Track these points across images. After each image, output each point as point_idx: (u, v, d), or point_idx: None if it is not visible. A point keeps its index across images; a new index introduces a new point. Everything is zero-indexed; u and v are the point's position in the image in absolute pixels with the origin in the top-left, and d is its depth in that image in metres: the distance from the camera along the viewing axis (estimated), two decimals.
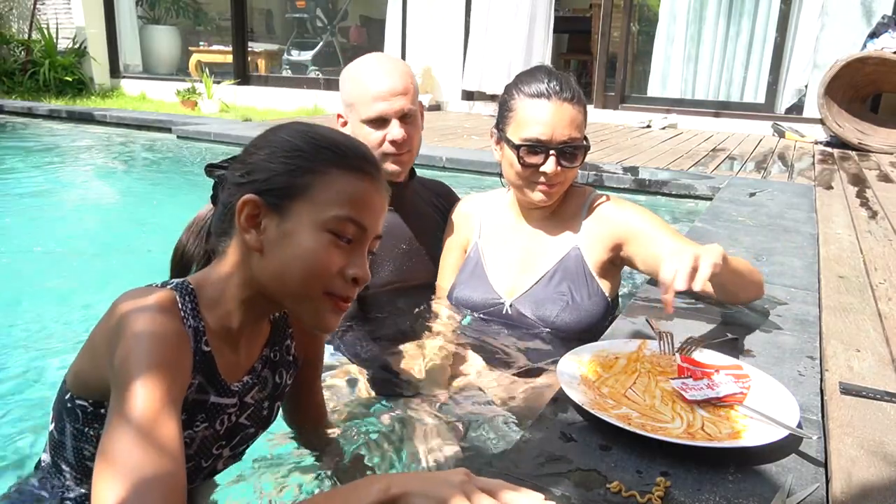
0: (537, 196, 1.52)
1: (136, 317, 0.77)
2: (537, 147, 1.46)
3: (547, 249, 1.59)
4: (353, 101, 1.60)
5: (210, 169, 0.96)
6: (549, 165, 1.46)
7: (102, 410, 0.75)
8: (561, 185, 1.52)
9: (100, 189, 4.56)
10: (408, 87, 1.59)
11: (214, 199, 0.97)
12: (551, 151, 1.45)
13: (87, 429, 0.86)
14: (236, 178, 0.89)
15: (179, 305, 0.85)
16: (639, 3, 7.16)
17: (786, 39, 6.05)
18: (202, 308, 0.88)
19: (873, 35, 5.22)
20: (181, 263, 1.01)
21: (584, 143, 1.50)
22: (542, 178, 1.49)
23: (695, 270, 1.11)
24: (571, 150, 1.47)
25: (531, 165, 1.48)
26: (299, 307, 0.89)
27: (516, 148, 1.48)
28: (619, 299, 1.68)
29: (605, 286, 1.56)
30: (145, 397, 0.70)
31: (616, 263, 1.59)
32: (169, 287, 0.86)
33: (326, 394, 1.29)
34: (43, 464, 0.95)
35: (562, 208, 1.61)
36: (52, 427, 0.91)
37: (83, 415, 0.86)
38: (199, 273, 0.93)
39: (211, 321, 0.89)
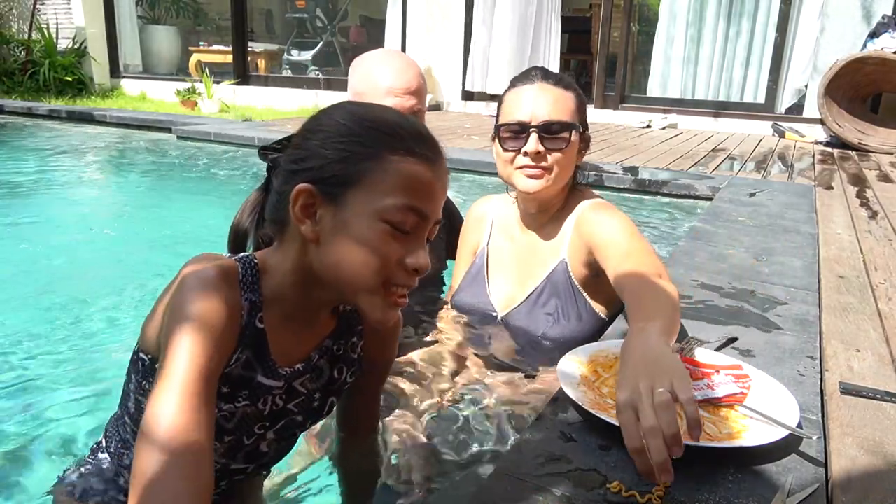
0: (523, 182, 1.45)
1: (190, 284, 0.80)
2: (519, 127, 1.43)
3: (538, 263, 1.54)
4: (364, 91, 1.60)
5: (264, 152, 0.95)
6: (530, 144, 1.41)
7: (157, 366, 0.77)
8: (550, 174, 1.44)
9: (99, 189, 4.56)
10: (420, 86, 1.61)
11: (268, 184, 0.95)
12: (532, 129, 1.42)
13: (144, 382, 0.87)
14: (290, 166, 0.87)
15: (240, 277, 0.86)
16: (639, 3, 7.17)
17: (786, 39, 6.05)
18: (262, 286, 0.88)
19: (873, 35, 5.22)
20: (237, 241, 1.00)
21: (573, 126, 1.44)
22: (524, 161, 1.44)
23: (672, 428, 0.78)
24: (554, 129, 1.42)
25: (513, 147, 1.45)
26: (357, 299, 0.86)
27: (498, 130, 1.47)
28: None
29: (596, 305, 1.49)
30: (181, 373, 0.74)
31: (602, 277, 1.40)
32: (235, 259, 0.88)
33: None
34: (114, 415, 0.99)
35: (558, 216, 1.54)
36: (125, 379, 0.93)
37: (142, 367, 0.87)
38: (263, 252, 0.92)
39: (269, 300, 0.88)
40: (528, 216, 1.58)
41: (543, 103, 1.43)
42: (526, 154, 1.43)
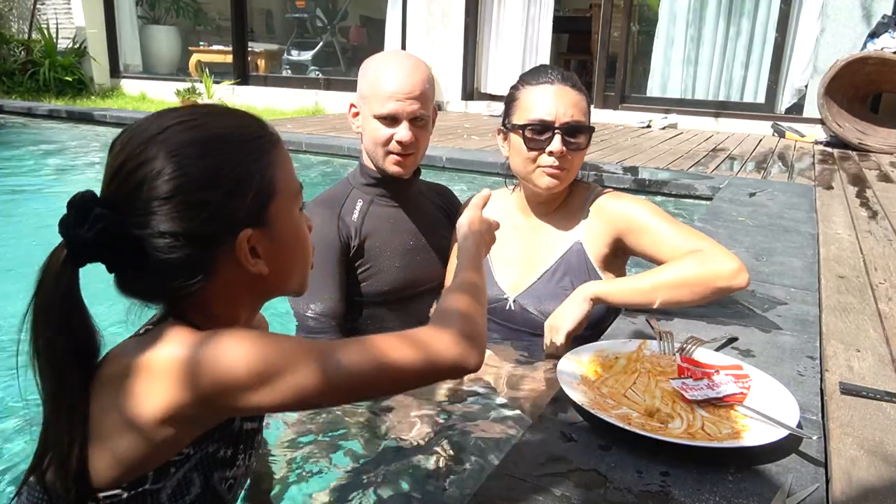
0: (544, 181, 1.52)
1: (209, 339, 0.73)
2: (542, 127, 1.48)
3: (550, 245, 1.59)
4: (369, 94, 1.61)
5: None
6: (556, 144, 1.47)
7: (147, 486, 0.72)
8: (567, 172, 1.52)
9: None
10: (425, 91, 1.60)
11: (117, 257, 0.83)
12: (556, 130, 1.47)
13: None
14: (187, 228, 0.81)
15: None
16: (639, 3, 7.16)
17: (786, 39, 6.04)
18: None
19: (873, 35, 5.22)
20: None
21: (592, 128, 1.53)
22: (549, 161, 1.49)
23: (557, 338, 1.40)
24: (576, 130, 1.49)
25: (537, 146, 1.49)
26: (294, 289, 0.90)
27: (522, 130, 1.50)
28: None
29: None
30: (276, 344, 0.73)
31: (619, 256, 1.58)
32: (166, 326, 0.81)
33: None
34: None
35: (566, 204, 1.61)
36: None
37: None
38: (178, 314, 0.84)
39: None
40: (535, 205, 1.63)
41: (566, 104, 1.49)
42: (551, 154, 1.48)
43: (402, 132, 1.58)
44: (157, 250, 0.73)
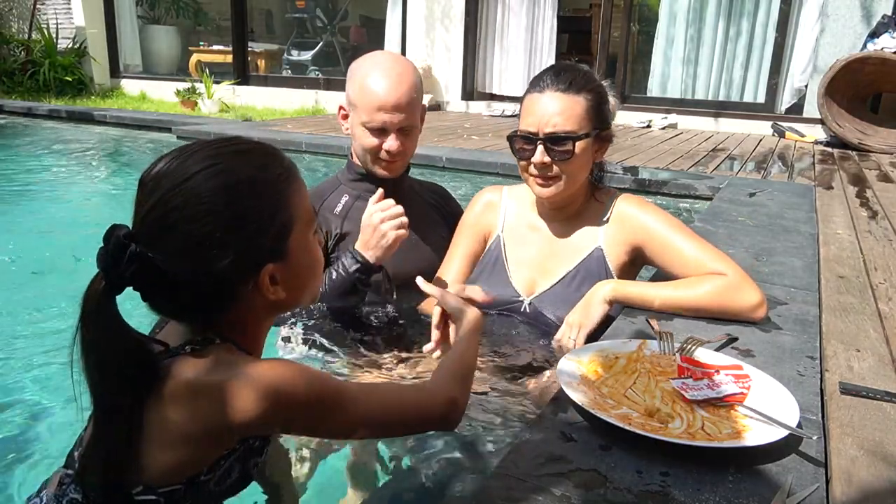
0: (537, 189, 1.52)
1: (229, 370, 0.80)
2: (526, 138, 1.49)
3: (569, 250, 1.58)
4: (357, 103, 1.62)
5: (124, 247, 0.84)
6: (536, 155, 1.47)
7: (203, 477, 0.82)
8: (561, 181, 1.49)
9: (99, 189, 4.56)
10: (411, 100, 1.61)
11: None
12: (538, 141, 1.47)
13: None
14: (220, 265, 0.86)
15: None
16: (639, 3, 7.17)
17: (786, 39, 6.04)
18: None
19: (873, 35, 5.22)
20: None
21: (577, 136, 1.46)
22: (534, 171, 1.49)
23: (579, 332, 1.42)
24: (559, 139, 1.46)
25: (524, 156, 1.50)
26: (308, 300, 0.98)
27: (511, 140, 1.52)
28: None
29: None
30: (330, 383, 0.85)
31: (636, 264, 1.58)
32: (211, 349, 0.87)
33: None
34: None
35: (585, 208, 1.60)
36: None
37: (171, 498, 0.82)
38: (209, 332, 0.90)
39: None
40: (552, 211, 1.62)
41: (551, 114, 1.46)
42: (534, 165, 1.48)
43: (390, 142, 1.62)
44: (185, 284, 0.79)
